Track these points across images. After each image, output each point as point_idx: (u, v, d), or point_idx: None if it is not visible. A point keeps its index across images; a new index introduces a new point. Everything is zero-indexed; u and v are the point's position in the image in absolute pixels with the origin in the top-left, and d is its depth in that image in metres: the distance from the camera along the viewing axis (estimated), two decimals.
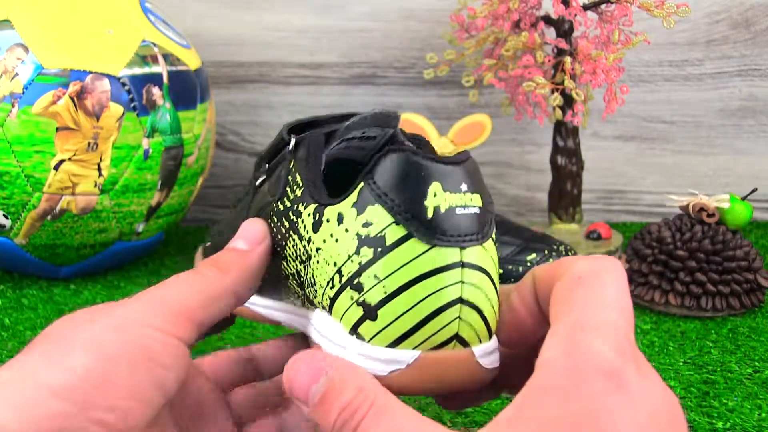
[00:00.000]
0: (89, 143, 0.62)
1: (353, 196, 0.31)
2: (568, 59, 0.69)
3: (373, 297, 0.30)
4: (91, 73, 0.62)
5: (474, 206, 0.31)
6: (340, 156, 0.36)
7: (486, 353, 0.31)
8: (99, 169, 0.63)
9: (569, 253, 0.63)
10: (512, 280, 0.62)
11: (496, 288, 0.32)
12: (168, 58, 0.67)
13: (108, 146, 0.63)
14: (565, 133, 0.76)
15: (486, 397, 0.37)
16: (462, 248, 0.30)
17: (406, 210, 0.30)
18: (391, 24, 0.87)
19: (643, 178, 0.90)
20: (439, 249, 0.30)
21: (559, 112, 0.72)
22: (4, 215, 0.63)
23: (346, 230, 0.31)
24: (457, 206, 0.30)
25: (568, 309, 0.29)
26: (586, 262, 0.31)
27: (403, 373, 0.30)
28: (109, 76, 0.63)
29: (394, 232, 0.30)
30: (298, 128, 0.38)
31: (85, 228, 0.65)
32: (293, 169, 0.35)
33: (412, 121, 0.75)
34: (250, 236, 0.36)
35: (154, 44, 0.66)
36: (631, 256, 0.64)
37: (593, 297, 0.29)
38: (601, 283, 0.29)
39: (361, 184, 0.31)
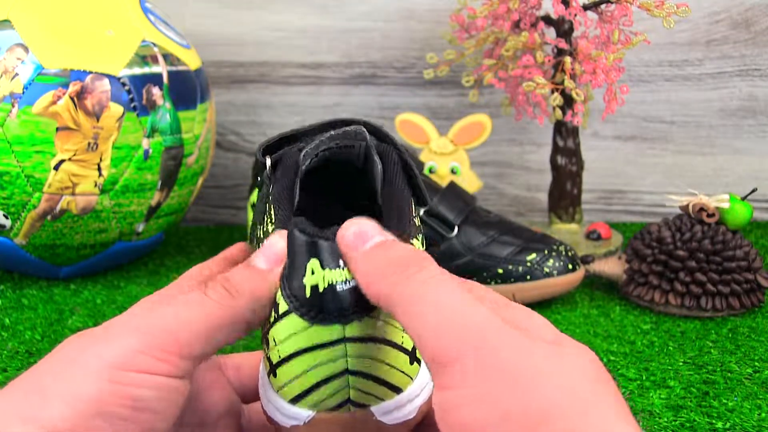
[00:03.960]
0: (89, 143, 0.62)
1: None
2: (568, 59, 0.69)
3: (273, 356, 0.31)
4: (91, 73, 0.62)
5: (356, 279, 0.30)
6: (324, 162, 0.35)
7: (388, 411, 0.32)
8: (99, 169, 0.63)
9: (569, 253, 0.63)
10: (512, 280, 0.62)
11: (398, 345, 0.31)
12: (168, 58, 0.67)
13: (108, 146, 0.63)
14: (565, 133, 0.76)
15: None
16: (344, 324, 0.30)
17: (288, 287, 0.30)
18: (391, 24, 0.87)
19: (643, 178, 0.90)
20: (318, 327, 0.30)
21: (559, 112, 0.72)
22: (4, 215, 0.63)
23: None
24: (337, 282, 0.29)
25: None
26: None
27: (301, 429, 0.32)
28: (109, 76, 0.63)
29: (283, 305, 0.30)
30: (274, 145, 0.36)
31: (85, 228, 0.65)
32: (269, 201, 0.35)
33: (412, 122, 0.75)
34: (272, 254, 0.31)
35: (154, 44, 0.66)
36: (631, 256, 0.64)
37: None
38: None
39: None
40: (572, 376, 0.25)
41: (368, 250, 0.29)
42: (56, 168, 0.62)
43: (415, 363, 0.32)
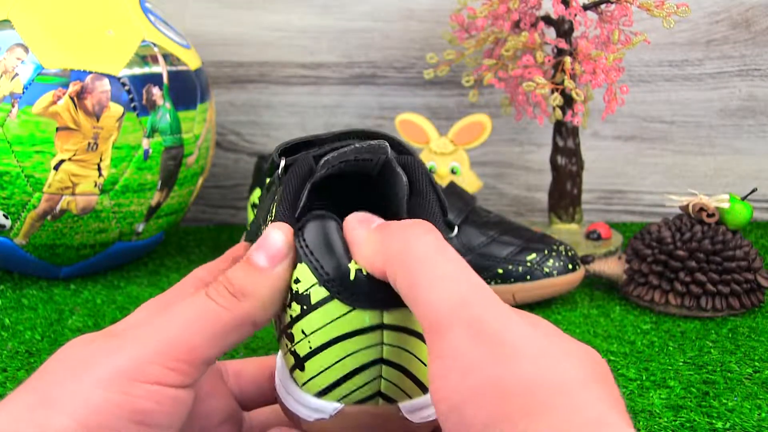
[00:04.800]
0: (89, 143, 0.62)
1: None
2: (568, 59, 0.69)
3: (301, 349, 0.31)
4: (91, 73, 0.62)
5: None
6: (340, 172, 0.35)
7: (415, 409, 0.32)
8: (99, 169, 0.63)
9: (569, 253, 0.63)
10: (512, 280, 0.62)
11: None
12: (168, 58, 0.67)
13: (108, 146, 0.63)
14: (565, 133, 0.76)
15: None
16: (383, 311, 0.30)
17: (328, 272, 0.30)
18: (391, 24, 0.87)
19: (643, 178, 0.90)
20: (359, 312, 0.30)
21: (559, 112, 0.72)
22: (4, 215, 0.63)
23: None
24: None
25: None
26: None
27: (326, 422, 0.32)
28: (109, 76, 0.63)
29: (318, 293, 0.30)
30: (291, 149, 0.37)
31: (85, 228, 0.65)
32: (274, 201, 0.35)
33: (412, 121, 0.75)
34: (272, 249, 0.31)
35: (154, 44, 0.66)
36: (631, 256, 0.64)
37: None
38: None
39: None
40: (559, 356, 0.25)
41: (371, 229, 0.30)
42: (56, 168, 0.62)
43: None
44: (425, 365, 0.31)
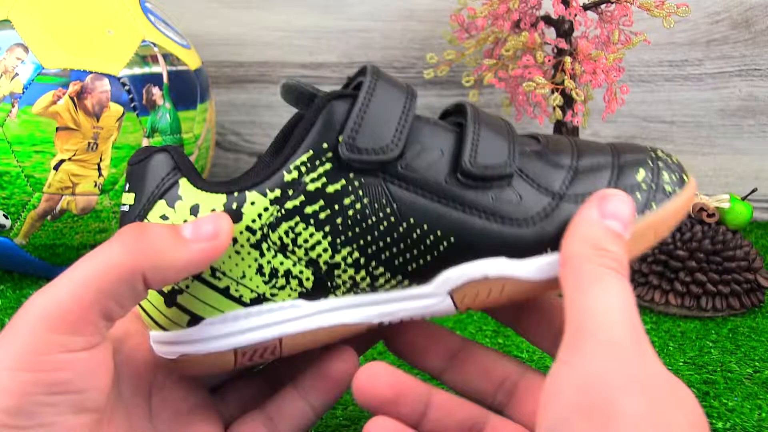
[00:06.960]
0: (89, 143, 0.62)
1: None
2: (568, 59, 0.69)
3: None
4: (91, 73, 0.62)
5: (125, 204, 0.35)
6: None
7: (157, 341, 0.35)
8: (99, 169, 0.63)
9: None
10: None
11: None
12: (168, 58, 0.67)
13: (108, 146, 0.63)
14: (565, 133, 0.76)
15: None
16: None
17: None
18: (391, 24, 0.87)
19: None
20: None
21: (559, 112, 0.72)
22: (4, 215, 0.63)
23: None
24: (121, 204, 0.37)
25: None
26: None
27: None
28: (109, 76, 0.63)
29: None
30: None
31: (85, 228, 0.65)
32: None
33: None
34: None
35: (154, 44, 0.66)
36: None
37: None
38: None
39: None
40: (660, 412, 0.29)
41: (605, 224, 0.34)
42: (56, 168, 0.62)
43: (174, 308, 0.34)
44: (151, 303, 0.34)
